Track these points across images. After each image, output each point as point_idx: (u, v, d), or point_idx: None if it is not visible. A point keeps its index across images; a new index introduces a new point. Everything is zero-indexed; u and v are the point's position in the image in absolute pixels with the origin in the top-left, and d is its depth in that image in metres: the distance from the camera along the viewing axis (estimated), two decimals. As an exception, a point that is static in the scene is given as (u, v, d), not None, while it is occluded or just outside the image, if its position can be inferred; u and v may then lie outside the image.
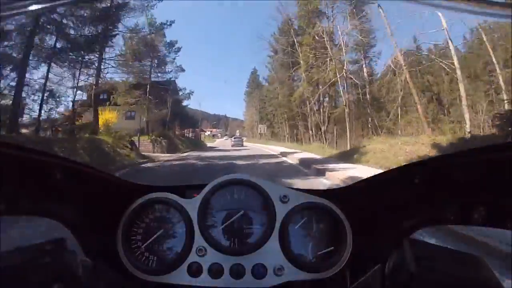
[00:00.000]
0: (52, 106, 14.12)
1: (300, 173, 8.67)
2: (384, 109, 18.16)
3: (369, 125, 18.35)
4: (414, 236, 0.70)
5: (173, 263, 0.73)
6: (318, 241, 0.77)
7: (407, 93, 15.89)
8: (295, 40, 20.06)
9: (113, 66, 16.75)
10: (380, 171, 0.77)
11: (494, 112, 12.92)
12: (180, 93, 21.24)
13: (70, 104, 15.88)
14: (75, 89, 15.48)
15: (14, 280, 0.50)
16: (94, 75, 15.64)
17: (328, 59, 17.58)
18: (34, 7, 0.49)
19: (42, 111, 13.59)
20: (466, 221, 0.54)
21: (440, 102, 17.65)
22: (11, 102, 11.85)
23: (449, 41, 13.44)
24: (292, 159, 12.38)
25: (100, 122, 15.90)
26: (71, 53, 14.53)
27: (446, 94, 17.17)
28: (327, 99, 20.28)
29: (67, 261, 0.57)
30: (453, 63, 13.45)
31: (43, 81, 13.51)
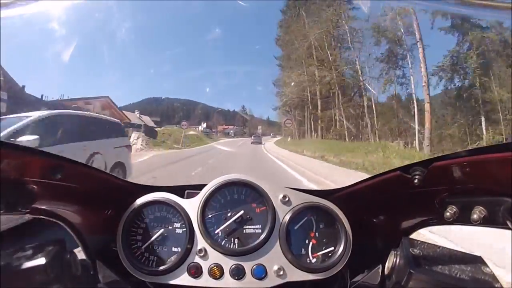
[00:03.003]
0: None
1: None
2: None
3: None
4: (413, 236, 0.70)
5: (173, 263, 0.73)
6: (318, 242, 0.76)
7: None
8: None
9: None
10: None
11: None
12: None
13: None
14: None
15: (14, 280, 0.50)
16: None
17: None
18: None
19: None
20: (466, 221, 0.54)
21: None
22: None
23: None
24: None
25: None
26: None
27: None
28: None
29: (66, 262, 0.57)
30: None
31: None
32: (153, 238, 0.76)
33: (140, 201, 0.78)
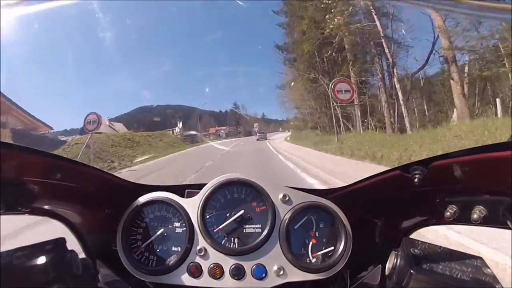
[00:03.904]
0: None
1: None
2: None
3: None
4: (413, 236, 0.70)
5: (173, 263, 0.73)
6: (318, 241, 0.76)
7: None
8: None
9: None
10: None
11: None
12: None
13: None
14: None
15: (14, 280, 0.50)
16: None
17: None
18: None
19: None
20: (466, 221, 0.54)
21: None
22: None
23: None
24: None
25: None
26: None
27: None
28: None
29: (66, 261, 0.57)
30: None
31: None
32: (153, 238, 0.76)
33: (140, 200, 0.78)
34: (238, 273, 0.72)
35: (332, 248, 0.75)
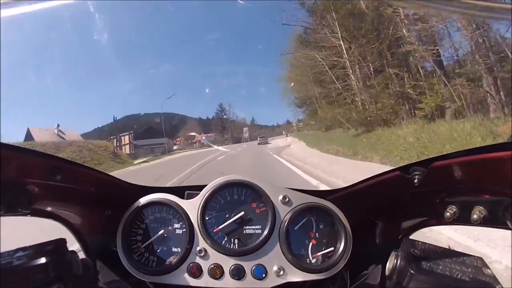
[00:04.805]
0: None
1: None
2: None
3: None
4: (413, 236, 0.70)
5: (173, 264, 0.73)
6: (318, 242, 0.76)
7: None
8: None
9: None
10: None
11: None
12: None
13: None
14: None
15: (14, 280, 0.50)
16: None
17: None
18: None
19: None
20: (466, 221, 0.54)
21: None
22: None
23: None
24: None
25: None
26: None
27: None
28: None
29: (67, 261, 0.57)
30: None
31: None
32: (153, 239, 0.76)
33: (140, 201, 0.78)
34: (238, 273, 0.72)
35: (332, 248, 0.75)
